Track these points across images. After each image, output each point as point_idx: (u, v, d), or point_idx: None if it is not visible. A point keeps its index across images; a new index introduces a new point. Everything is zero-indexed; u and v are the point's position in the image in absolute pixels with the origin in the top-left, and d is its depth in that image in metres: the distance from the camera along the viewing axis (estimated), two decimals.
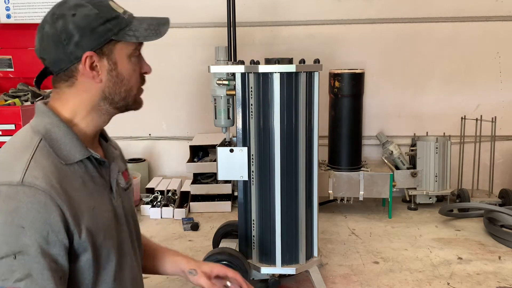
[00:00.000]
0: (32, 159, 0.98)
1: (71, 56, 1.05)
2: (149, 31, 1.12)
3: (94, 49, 1.06)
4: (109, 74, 1.09)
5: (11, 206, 0.92)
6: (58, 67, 1.08)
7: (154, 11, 3.09)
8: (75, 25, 1.04)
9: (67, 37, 1.04)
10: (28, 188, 0.93)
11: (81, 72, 1.06)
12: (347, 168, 2.60)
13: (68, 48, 1.05)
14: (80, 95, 1.09)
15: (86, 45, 1.05)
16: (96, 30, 1.06)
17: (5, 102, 2.71)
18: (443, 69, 2.95)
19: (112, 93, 1.11)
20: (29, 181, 0.94)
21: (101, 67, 1.07)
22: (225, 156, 1.72)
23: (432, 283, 1.88)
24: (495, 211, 2.33)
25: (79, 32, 1.04)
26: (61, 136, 1.06)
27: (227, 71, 1.73)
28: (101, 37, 1.06)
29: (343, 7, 2.92)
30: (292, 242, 1.75)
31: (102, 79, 1.08)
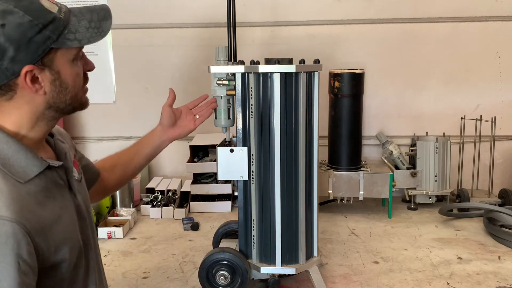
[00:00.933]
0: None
1: (7, 72, 0.94)
2: (91, 30, 1.02)
3: (33, 62, 0.95)
4: (52, 84, 1.00)
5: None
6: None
7: (155, 11, 3.11)
8: (7, 37, 0.92)
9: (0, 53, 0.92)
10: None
11: (21, 86, 0.97)
12: (347, 168, 2.60)
13: (3, 64, 0.93)
14: (22, 107, 1.00)
15: (23, 59, 0.94)
16: (33, 40, 0.94)
17: None
18: (443, 69, 2.96)
19: (57, 102, 1.02)
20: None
21: (43, 79, 0.98)
22: (225, 156, 1.72)
23: (432, 283, 1.88)
24: (495, 211, 2.33)
25: (14, 46, 0.92)
26: (12, 153, 0.97)
27: (227, 71, 1.73)
28: (40, 48, 0.95)
29: (343, 7, 2.92)
30: (292, 242, 1.76)
31: (45, 91, 0.99)
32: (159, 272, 2.01)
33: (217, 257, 1.75)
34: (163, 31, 2.99)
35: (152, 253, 2.19)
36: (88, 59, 1.10)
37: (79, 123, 3.11)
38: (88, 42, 1.02)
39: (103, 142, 3.07)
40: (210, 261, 1.75)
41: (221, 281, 1.74)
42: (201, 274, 1.76)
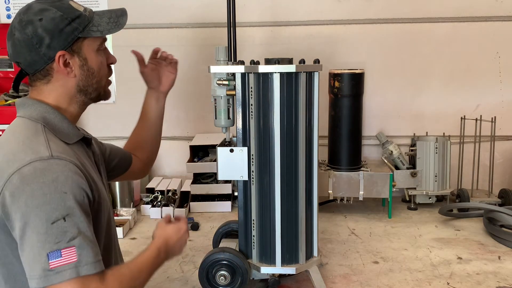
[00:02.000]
0: (48, 140, 1.11)
1: (45, 57, 1.17)
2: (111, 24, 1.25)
3: (64, 48, 1.18)
4: (81, 69, 1.22)
5: (51, 177, 1.03)
6: (34, 69, 1.19)
7: (155, 11, 3.12)
8: (44, 28, 1.15)
9: (38, 41, 1.16)
10: (59, 160, 1.07)
11: (56, 70, 1.19)
12: (347, 168, 2.60)
13: (41, 50, 1.16)
14: (58, 89, 1.22)
15: (57, 45, 1.17)
16: (64, 30, 1.17)
17: (5, 102, 2.71)
18: (443, 69, 2.96)
19: (86, 85, 1.24)
20: (57, 155, 1.08)
21: (73, 64, 1.20)
22: (225, 156, 1.72)
23: (432, 283, 1.88)
24: (495, 211, 2.33)
25: (49, 35, 1.16)
26: (58, 121, 1.19)
27: (227, 71, 1.73)
28: (69, 36, 1.18)
29: (343, 7, 2.93)
30: (292, 242, 1.76)
31: (76, 74, 1.21)
32: (159, 272, 2.00)
33: (217, 257, 1.75)
34: (163, 31, 2.99)
35: None
36: (110, 54, 1.32)
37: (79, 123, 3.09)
38: (108, 33, 1.24)
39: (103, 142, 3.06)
40: (210, 261, 1.75)
41: (221, 281, 1.74)
42: (201, 274, 1.76)
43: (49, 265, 0.99)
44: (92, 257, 1.04)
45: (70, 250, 1.01)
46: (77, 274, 1.01)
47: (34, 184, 1.02)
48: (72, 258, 1.01)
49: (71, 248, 1.01)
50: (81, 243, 1.03)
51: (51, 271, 0.99)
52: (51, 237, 1.00)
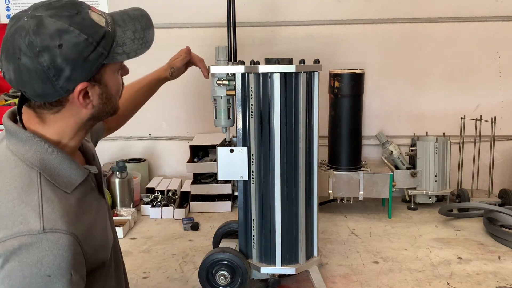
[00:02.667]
0: (43, 200, 0.92)
1: (62, 90, 0.96)
2: (137, 42, 1.05)
3: (86, 79, 0.97)
4: (100, 97, 1.02)
5: (36, 257, 0.87)
6: (44, 100, 0.98)
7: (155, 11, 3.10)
8: (64, 58, 0.93)
9: (56, 73, 0.93)
10: (51, 235, 0.89)
11: (71, 101, 0.99)
12: (347, 168, 2.60)
13: (58, 83, 0.94)
14: (67, 119, 1.01)
15: (78, 77, 0.96)
16: (88, 59, 0.95)
17: (5, 102, 2.71)
18: (443, 69, 2.95)
19: (101, 112, 1.05)
20: (49, 227, 0.89)
21: (93, 94, 1.00)
22: (225, 156, 1.72)
23: (432, 283, 1.88)
24: (495, 211, 2.33)
25: (70, 66, 0.93)
26: (58, 163, 0.98)
27: (227, 71, 1.73)
28: (93, 65, 0.97)
29: (343, 7, 2.93)
30: (292, 242, 1.76)
31: (93, 105, 1.02)
32: (159, 272, 2.01)
33: (217, 257, 1.75)
34: (163, 31, 2.99)
35: (152, 253, 2.19)
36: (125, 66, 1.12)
37: None
38: (135, 55, 1.04)
39: (103, 142, 3.06)
40: (210, 261, 1.75)
41: (221, 281, 1.74)
42: (201, 274, 1.76)
43: None
44: None
45: None
46: None
47: (14, 262, 0.87)
48: None
49: None
50: None
51: None
52: None
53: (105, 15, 1.02)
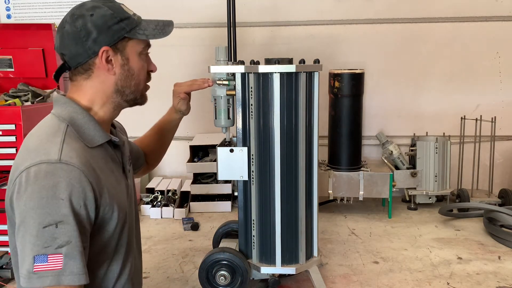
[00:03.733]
0: (64, 142, 1.11)
1: (89, 51, 1.19)
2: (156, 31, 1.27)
3: (109, 44, 1.19)
4: (122, 68, 1.23)
5: (52, 181, 1.04)
6: (77, 62, 1.21)
7: (155, 11, 3.12)
8: (93, 23, 1.18)
9: (86, 34, 1.18)
10: (65, 165, 1.06)
11: (97, 65, 1.21)
12: (347, 168, 2.60)
13: (87, 44, 1.18)
14: (96, 86, 1.23)
15: (102, 41, 1.19)
16: (112, 28, 1.19)
17: (5, 102, 2.71)
18: (443, 69, 2.96)
19: (124, 85, 1.25)
20: (65, 159, 1.07)
21: (115, 61, 1.22)
22: (225, 156, 1.72)
23: (432, 283, 1.88)
24: (495, 211, 2.33)
25: (97, 30, 1.18)
26: (84, 122, 1.19)
27: (227, 71, 1.73)
28: (116, 34, 1.20)
29: (343, 7, 2.93)
30: (292, 242, 1.76)
31: (116, 72, 1.22)
32: (159, 272, 2.01)
33: (217, 257, 1.75)
34: None
35: (152, 253, 2.19)
36: (152, 62, 1.35)
37: None
38: (153, 37, 1.27)
39: None
40: (210, 261, 1.75)
41: (221, 281, 1.74)
42: (201, 274, 1.76)
43: (33, 268, 1.00)
44: (78, 268, 1.03)
45: (56, 257, 1.01)
46: (58, 283, 1.01)
47: (35, 185, 1.03)
48: (57, 265, 1.01)
49: (58, 255, 1.01)
50: (69, 252, 1.02)
51: (34, 274, 1.00)
52: (40, 241, 1.01)
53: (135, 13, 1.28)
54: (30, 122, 2.14)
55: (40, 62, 2.60)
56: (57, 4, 3.07)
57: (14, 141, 2.12)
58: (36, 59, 2.60)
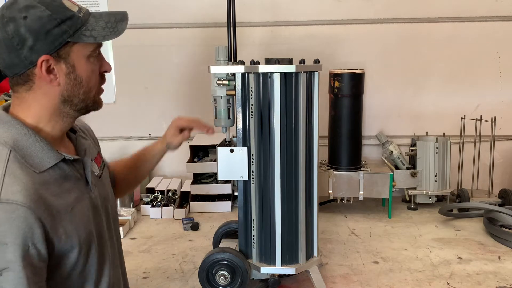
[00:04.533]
0: (6, 174, 0.96)
1: (26, 61, 1.02)
2: (107, 30, 1.09)
3: (49, 52, 1.02)
4: (67, 77, 1.06)
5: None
6: (13, 72, 1.05)
7: (155, 11, 3.11)
8: (28, 28, 1.00)
9: (20, 42, 1.01)
10: (7, 205, 0.92)
11: (38, 76, 1.04)
12: (347, 168, 2.60)
13: (22, 53, 1.01)
14: (40, 99, 1.07)
15: (41, 49, 1.02)
16: (51, 32, 1.02)
17: (5, 102, 2.71)
18: (443, 69, 2.96)
19: (71, 95, 1.08)
20: (7, 198, 0.93)
21: (58, 71, 1.05)
22: (225, 156, 1.72)
23: (432, 283, 1.88)
24: (495, 211, 2.33)
25: (33, 36, 1.01)
26: (30, 144, 1.03)
27: (227, 71, 1.73)
28: (57, 40, 1.03)
29: (343, 7, 2.92)
30: (292, 242, 1.75)
31: (60, 82, 1.06)
32: (159, 272, 2.01)
33: (217, 257, 1.75)
34: (163, 31, 2.99)
35: (152, 253, 2.19)
36: (105, 61, 1.16)
37: None
38: (102, 40, 1.09)
39: (103, 142, 3.05)
40: (210, 261, 1.75)
41: (221, 281, 1.74)
42: (201, 274, 1.76)
43: None
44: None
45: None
46: None
47: None
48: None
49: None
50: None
51: None
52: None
53: (81, 7, 1.10)
54: None
55: None
56: None
57: None
58: None
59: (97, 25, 1.08)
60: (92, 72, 1.11)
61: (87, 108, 1.14)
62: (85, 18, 1.08)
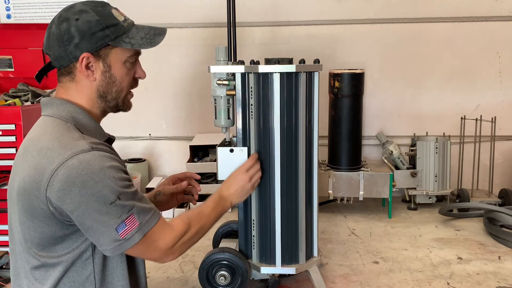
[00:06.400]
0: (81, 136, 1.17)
1: (71, 55, 1.21)
2: (145, 40, 1.26)
3: (91, 51, 1.21)
4: (103, 75, 1.25)
5: (97, 166, 1.12)
6: (59, 64, 1.24)
7: (154, 11, 3.12)
8: (77, 28, 1.19)
9: (68, 38, 1.19)
10: (98, 152, 1.15)
11: (78, 70, 1.23)
12: (347, 168, 2.60)
13: (69, 48, 1.20)
14: (81, 90, 1.25)
15: (84, 47, 1.20)
16: (95, 34, 1.20)
17: (5, 102, 2.71)
18: (443, 69, 2.96)
19: (105, 91, 1.27)
20: (95, 147, 1.16)
21: (96, 68, 1.23)
22: (225, 156, 1.72)
23: (432, 283, 1.88)
24: (495, 211, 2.33)
25: (79, 35, 1.19)
26: (86, 121, 1.24)
27: (227, 71, 1.73)
28: (99, 41, 1.21)
29: (343, 7, 2.93)
30: (292, 242, 1.76)
31: (96, 78, 1.24)
32: (159, 272, 2.01)
33: (217, 257, 1.75)
34: None
35: None
36: (141, 68, 1.34)
37: None
38: (139, 47, 1.27)
39: None
40: (210, 261, 1.75)
41: (221, 281, 1.74)
42: (201, 274, 1.76)
43: (119, 236, 1.15)
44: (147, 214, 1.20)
45: (131, 218, 1.16)
46: (143, 233, 1.18)
47: (82, 176, 1.10)
48: (135, 223, 1.17)
49: (131, 216, 1.16)
50: (137, 209, 1.18)
51: (123, 239, 1.16)
52: (113, 215, 1.14)
53: (127, 18, 1.28)
54: (30, 122, 2.14)
55: (40, 62, 2.59)
56: (56, 4, 3.07)
57: (14, 141, 2.12)
58: (36, 59, 2.60)
59: (137, 35, 1.26)
60: (126, 75, 1.29)
61: (118, 107, 1.33)
62: (128, 27, 1.26)
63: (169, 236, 1.27)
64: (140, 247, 1.20)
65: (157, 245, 1.24)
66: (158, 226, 1.23)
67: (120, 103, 1.33)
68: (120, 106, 1.34)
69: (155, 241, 1.23)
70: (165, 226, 1.26)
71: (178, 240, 1.30)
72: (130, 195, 1.18)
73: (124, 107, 1.36)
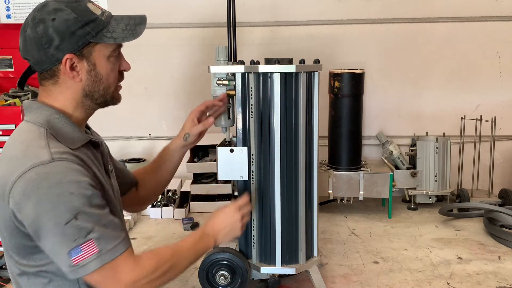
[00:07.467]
0: (49, 143, 1.10)
1: (52, 58, 1.15)
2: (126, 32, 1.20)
3: (73, 51, 1.15)
4: (89, 74, 1.20)
5: (55, 180, 1.04)
6: (41, 68, 1.18)
7: (155, 11, 3.11)
8: (55, 29, 1.12)
9: (47, 41, 1.13)
10: (60, 162, 1.06)
11: (62, 72, 1.17)
12: (347, 168, 2.60)
13: (49, 51, 1.14)
14: (65, 92, 1.20)
15: (66, 48, 1.14)
16: (75, 33, 1.14)
17: (5, 102, 2.71)
18: (443, 69, 2.96)
19: (92, 90, 1.22)
20: (58, 157, 1.07)
21: (80, 68, 1.18)
22: (225, 156, 1.72)
23: (432, 283, 1.88)
24: (495, 211, 2.33)
25: (59, 36, 1.13)
26: (63, 125, 1.17)
27: (227, 71, 1.73)
28: (80, 40, 1.15)
29: (343, 7, 2.92)
30: (292, 242, 1.76)
31: (82, 79, 1.19)
32: None
33: (217, 257, 1.75)
34: (163, 31, 2.99)
35: None
36: (124, 60, 1.29)
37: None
38: (122, 41, 1.21)
39: None
40: (210, 261, 1.75)
41: (221, 281, 1.74)
42: (201, 274, 1.76)
43: (72, 262, 1.04)
44: (111, 242, 1.08)
45: (89, 244, 1.05)
46: (102, 263, 1.06)
47: (39, 190, 1.03)
48: (93, 250, 1.05)
49: (89, 241, 1.05)
50: (98, 234, 1.06)
51: (76, 266, 1.05)
52: (67, 237, 1.04)
53: (104, 10, 1.21)
54: None
55: None
56: None
57: None
58: None
59: (117, 27, 1.19)
60: (111, 70, 1.23)
61: (106, 103, 1.28)
62: (107, 20, 1.19)
63: (134, 271, 1.13)
64: (97, 277, 1.08)
65: (118, 278, 1.10)
66: (123, 257, 1.10)
67: (109, 99, 1.28)
68: (109, 101, 1.29)
69: (116, 274, 1.10)
70: (131, 259, 1.14)
71: (143, 278, 1.15)
72: (93, 217, 1.06)
73: (113, 101, 1.31)
